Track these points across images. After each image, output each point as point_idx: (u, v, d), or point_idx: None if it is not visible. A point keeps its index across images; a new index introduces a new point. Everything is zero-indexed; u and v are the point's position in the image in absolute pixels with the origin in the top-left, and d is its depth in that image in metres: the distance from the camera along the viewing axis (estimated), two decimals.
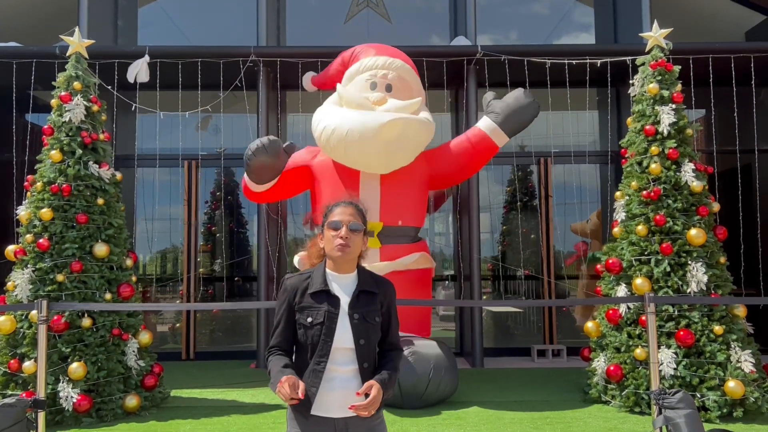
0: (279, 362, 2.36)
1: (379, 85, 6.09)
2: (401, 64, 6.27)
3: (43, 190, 5.56)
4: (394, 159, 5.91)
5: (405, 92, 6.16)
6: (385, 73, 6.14)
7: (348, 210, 2.44)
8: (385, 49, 6.48)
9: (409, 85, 6.28)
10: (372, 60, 6.21)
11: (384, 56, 6.23)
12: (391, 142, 5.69)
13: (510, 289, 9.16)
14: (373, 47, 6.49)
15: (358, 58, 6.40)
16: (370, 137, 5.63)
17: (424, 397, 5.47)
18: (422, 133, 5.97)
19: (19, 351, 5.30)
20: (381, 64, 6.17)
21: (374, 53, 6.34)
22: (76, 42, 5.90)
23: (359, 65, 6.24)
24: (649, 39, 6.02)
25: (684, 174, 5.58)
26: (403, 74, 6.24)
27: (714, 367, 5.16)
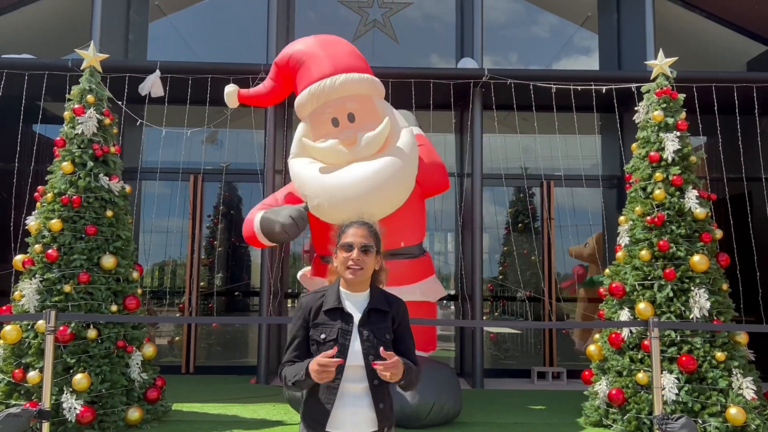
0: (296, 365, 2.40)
1: (340, 120, 5.79)
2: (347, 80, 5.79)
3: (53, 200, 5.60)
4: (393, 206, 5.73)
5: (368, 112, 5.85)
6: (339, 100, 5.77)
7: (360, 231, 2.49)
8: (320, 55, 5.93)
9: (367, 100, 5.89)
10: (318, 88, 5.76)
11: (328, 78, 5.76)
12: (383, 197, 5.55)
13: (509, 310, 9.19)
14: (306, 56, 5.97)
15: (298, 72, 6.02)
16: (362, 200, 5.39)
17: (427, 419, 5.46)
18: (409, 172, 5.76)
19: (24, 361, 5.30)
20: (329, 90, 5.74)
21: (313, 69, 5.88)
22: (90, 56, 5.98)
23: (308, 95, 5.81)
24: (655, 67, 6.12)
25: (687, 200, 5.65)
26: (356, 90, 5.83)
27: (716, 394, 5.19)
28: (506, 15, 10.18)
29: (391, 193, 5.61)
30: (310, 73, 5.90)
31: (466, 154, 7.98)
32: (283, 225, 5.37)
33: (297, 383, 2.33)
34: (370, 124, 5.77)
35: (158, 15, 9.70)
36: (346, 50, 6.12)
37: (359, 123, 5.79)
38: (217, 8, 9.86)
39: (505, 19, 10.14)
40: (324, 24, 9.75)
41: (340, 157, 5.66)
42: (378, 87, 6.06)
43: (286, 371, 2.40)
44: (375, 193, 5.46)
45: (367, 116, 5.84)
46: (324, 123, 5.84)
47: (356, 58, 6.14)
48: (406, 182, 5.77)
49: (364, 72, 6.03)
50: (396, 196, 5.69)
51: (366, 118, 5.83)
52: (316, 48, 6.03)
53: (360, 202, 5.36)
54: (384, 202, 5.58)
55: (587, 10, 9.88)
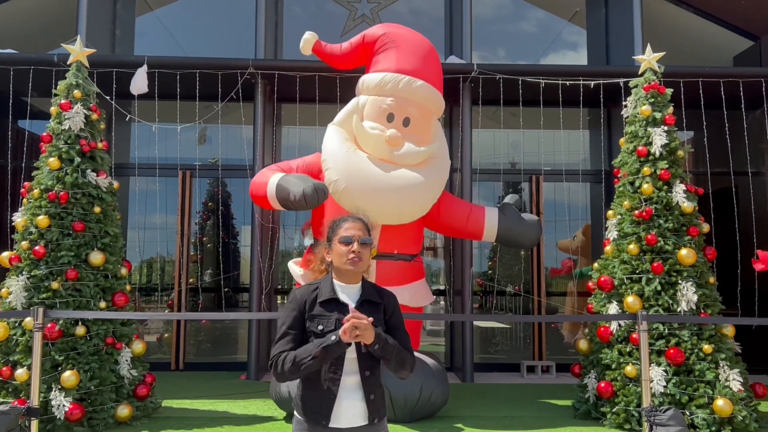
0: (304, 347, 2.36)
1: (396, 116, 5.83)
2: (424, 87, 5.89)
3: (40, 197, 5.56)
4: (401, 220, 5.80)
5: (423, 125, 5.95)
6: (406, 102, 5.82)
7: (357, 225, 2.51)
8: (411, 52, 5.97)
9: (428, 113, 6.01)
10: (394, 80, 5.81)
11: (407, 76, 5.82)
12: (399, 210, 5.63)
13: (499, 304, 9.23)
14: (397, 45, 5.98)
15: (382, 52, 6.02)
16: (379, 202, 5.49)
17: (416, 410, 5.49)
18: (432, 198, 5.88)
19: (12, 358, 5.27)
20: (404, 88, 5.80)
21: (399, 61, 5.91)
22: (77, 50, 5.93)
23: (381, 80, 5.84)
24: (642, 62, 6.15)
25: (675, 195, 5.70)
26: (423, 101, 5.93)
27: (703, 386, 5.24)
28: (494, 10, 10.20)
29: (406, 209, 5.71)
30: (395, 61, 5.92)
31: (456, 149, 7.99)
32: (305, 193, 5.25)
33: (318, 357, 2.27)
34: (419, 136, 5.87)
35: (145, 9, 9.63)
36: (433, 59, 6.18)
37: (411, 130, 5.87)
38: (205, 3, 9.80)
39: (493, 14, 10.15)
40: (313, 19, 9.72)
41: (381, 152, 5.70)
42: (441, 106, 6.21)
43: (294, 354, 2.33)
44: (396, 200, 5.55)
45: (421, 128, 5.95)
46: (380, 112, 5.86)
47: (438, 72, 6.23)
48: (426, 205, 5.87)
49: (437, 83, 6.14)
50: (409, 213, 5.79)
51: (419, 129, 5.93)
52: (411, 41, 6.07)
53: (375, 202, 5.47)
54: (399, 211, 5.67)
55: (575, 6, 9.92)
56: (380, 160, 5.70)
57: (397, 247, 5.97)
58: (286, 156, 9.05)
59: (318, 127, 8.30)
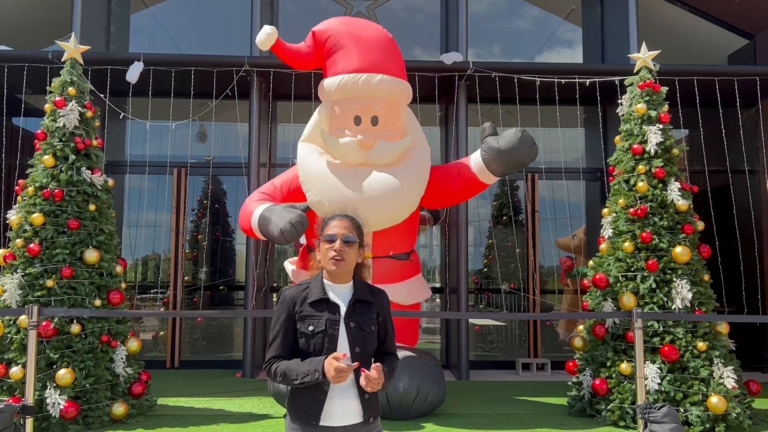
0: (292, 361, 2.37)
1: (363, 118, 5.68)
2: (384, 83, 5.70)
3: (34, 194, 5.54)
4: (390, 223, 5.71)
5: (392, 120, 5.80)
6: (369, 100, 5.66)
7: (343, 223, 2.49)
8: (362, 46, 5.77)
9: (396, 107, 5.84)
10: (352, 80, 5.63)
11: (365, 74, 5.65)
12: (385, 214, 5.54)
13: (494, 302, 9.24)
14: (347, 42, 5.78)
15: (334, 54, 5.82)
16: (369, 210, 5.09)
17: (412, 409, 5.49)
18: (416, 195, 5.77)
19: (6, 356, 5.25)
20: (363, 86, 5.62)
21: (353, 58, 5.72)
22: (71, 47, 5.90)
23: (339, 83, 5.67)
24: (638, 60, 6.16)
25: (670, 193, 5.72)
26: (387, 95, 5.74)
27: (697, 383, 5.26)
28: (489, 7, 10.19)
29: (393, 213, 5.62)
30: (347, 61, 5.74)
31: (451, 147, 8.00)
32: (282, 230, 5.16)
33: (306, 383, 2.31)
34: (391, 132, 5.72)
35: (140, 6, 9.59)
36: (387, 46, 5.93)
37: (381, 128, 5.71)
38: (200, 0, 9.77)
39: (488, 11, 10.14)
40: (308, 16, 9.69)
41: (355, 158, 5.59)
42: (408, 95, 6.00)
43: (284, 369, 2.35)
44: (378, 208, 5.45)
45: (391, 123, 5.79)
46: (346, 117, 5.71)
47: (395, 57, 5.99)
48: (411, 203, 5.76)
49: (400, 73, 5.92)
50: (398, 215, 5.69)
51: (389, 124, 5.77)
52: (363, 35, 5.84)
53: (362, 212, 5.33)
54: (384, 218, 5.58)
55: (571, 4, 9.92)
56: (358, 166, 5.59)
57: (392, 248, 5.94)
58: (281, 153, 9.05)
59: None
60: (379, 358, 2.48)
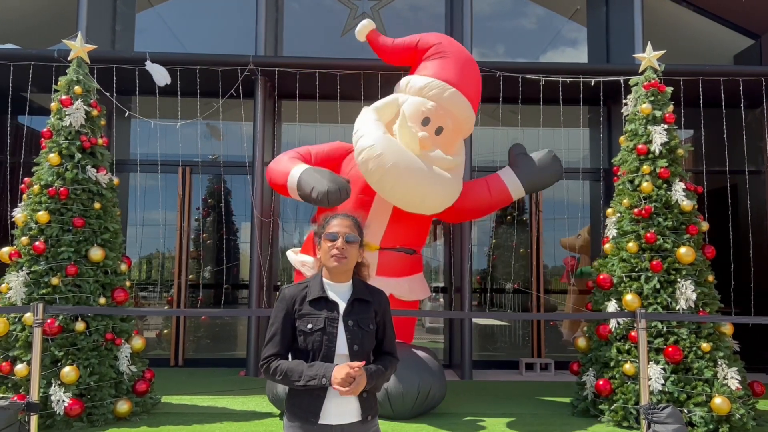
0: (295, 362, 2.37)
1: (432, 122, 5.81)
2: (465, 104, 5.89)
3: (40, 192, 5.56)
4: (418, 209, 5.76)
5: (453, 138, 5.99)
6: (445, 113, 5.80)
7: (345, 222, 2.50)
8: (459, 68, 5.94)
9: (461, 129, 6.05)
10: (440, 88, 5.78)
11: (453, 89, 5.79)
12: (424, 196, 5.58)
13: (498, 302, 9.24)
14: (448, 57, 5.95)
15: (431, 60, 5.98)
16: (407, 182, 5.42)
17: (414, 407, 5.49)
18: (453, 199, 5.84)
19: (11, 354, 5.27)
20: (447, 98, 5.78)
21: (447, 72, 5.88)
22: (78, 46, 5.92)
23: (426, 84, 5.81)
24: (643, 60, 6.15)
25: (675, 193, 5.70)
26: (461, 115, 5.91)
27: (701, 384, 5.25)
28: (493, 6, 10.17)
29: (432, 198, 5.64)
30: (443, 69, 5.89)
31: None
32: (330, 191, 5.19)
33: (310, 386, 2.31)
34: (445, 148, 5.85)
35: (145, 5, 9.61)
36: (478, 80, 6.17)
37: (441, 140, 5.86)
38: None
39: (492, 11, 10.13)
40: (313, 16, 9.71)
41: (413, 147, 5.63)
42: (471, 128, 6.24)
43: (285, 369, 2.34)
44: (423, 187, 5.47)
45: (451, 140, 5.97)
46: (418, 114, 5.82)
47: (478, 93, 6.19)
48: (446, 202, 5.80)
49: (476, 106, 6.14)
50: (432, 204, 5.72)
51: (449, 140, 5.94)
52: (463, 57, 6.07)
53: (406, 180, 5.40)
54: (419, 199, 5.58)
55: (576, 3, 9.91)
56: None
57: (400, 244, 6.00)
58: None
59: (318, 124, 8.32)
60: (378, 358, 2.50)
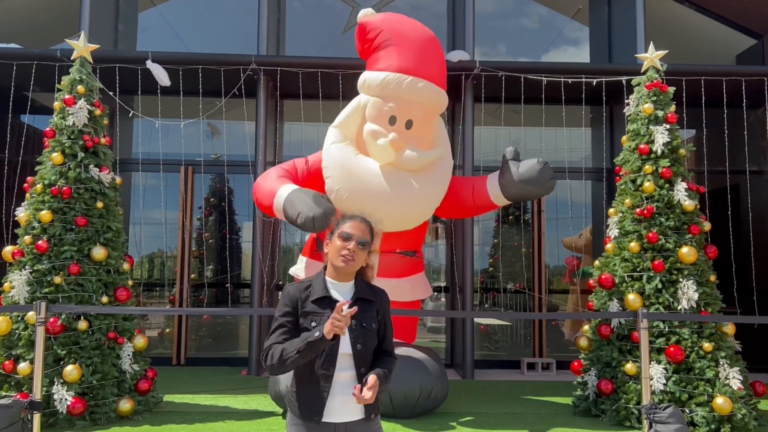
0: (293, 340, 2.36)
1: (399, 119, 5.65)
2: (427, 90, 5.70)
3: (43, 192, 5.57)
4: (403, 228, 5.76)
5: (425, 128, 5.81)
6: (409, 105, 5.63)
7: (361, 226, 2.52)
8: (412, 49, 5.71)
9: (431, 114, 5.85)
10: (397, 81, 5.59)
11: (410, 77, 5.60)
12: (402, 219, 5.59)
13: (500, 302, 9.24)
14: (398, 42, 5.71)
15: (381, 50, 5.77)
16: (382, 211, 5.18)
17: (416, 407, 5.50)
18: (435, 204, 5.81)
19: (14, 352, 5.29)
20: (406, 89, 5.59)
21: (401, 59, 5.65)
22: (81, 46, 5.93)
23: (383, 80, 5.63)
24: (645, 60, 6.15)
25: (677, 193, 5.70)
26: (427, 101, 5.74)
27: (703, 384, 5.25)
28: (495, 5, 10.16)
29: (407, 218, 5.67)
30: (396, 59, 5.67)
31: (458, 146, 7.99)
32: (315, 217, 4.88)
33: (302, 352, 2.27)
34: (422, 138, 5.73)
35: (147, 5, 9.62)
36: (436, 54, 5.91)
37: (413, 133, 5.70)
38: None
39: (494, 10, 10.12)
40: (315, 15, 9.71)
41: (387, 158, 5.55)
42: (445, 104, 5.98)
43: (282, 346, 2.34)
44: (395, 210, 5.48)
45: (424, 130, 5.79)
46: (382, 115, 5.68)
47: (441, 66, 5.98)
48: (428, 212, 5.84)
49: (441, 81, 5.91)
50: (411, 222, 5.76)
51: (422, 131, 5.77)
52: (413, 37, 5.80)
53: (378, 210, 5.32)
54: (398, 221, 5.61)
55: (578, 3, 9.90)
56: (384, 166, 5.58)
57: (399, 247, 5.99)
58: (288, 152, 9.06)
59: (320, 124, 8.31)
60: (378, 357, 2.51)
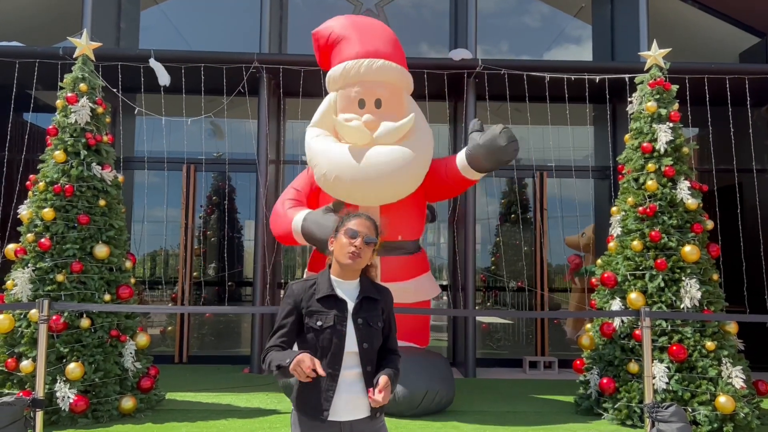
0: (285, 351, 2.37)
1: (367, 101, 5.86)
2: (385, 67, 5.88)
3: (45, 190, 5.58)
4: (396, 195, 5.81)
5: (395, 102, 5.97)
6: (372, 84, 5.84)
7: (367, 223, 2.53)
8: (363, 36, 5.99)
9: (398, 90, 6.02)
10: (355, 66, 5.82)
11: (367, 59, 5.83)
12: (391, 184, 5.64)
13: (502, 300, 9.24)
14: (348, 33, 6.00)
15: (336, 45, 6.05)
16: (370, 181, 5.54)
17: (420, 407, 5.50)
18: (421, 167, 5.85)
19: (17, 350, 5.30)
20: (365, 71, 5.80)
21: (354, 46, 5.92)
22: (83, 44, 5.93)
23: (342, 70, 5.87)
24: (648, 58, 6.13)
25: (679, 191, 5.69)
26: (389, 79, 5.92)
27: (705, 382, 5.24)
28: (497, 4, 10.15)
29: (398, 182, 5.69)
30: (350, 49, 5.93)
31: (460, 144, 7.98)
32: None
33: (280, 368, 2.29)
34: (394, 114, 5.86)
35: (150, 3, 9.62)
36: (387, 37, 6.15)
37: (384, 111, 5.86)
38: None
39: (496, 8, 10.11)
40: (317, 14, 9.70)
41: (362, 139, 5.70)
42: (409, 81, 6.16)
43: (272, 356, 2.36)
44: (383, 179, 5.56)
45: (394, 107, 5.94)
46: (351, 102, 5.89)
47: (396, 47, 6.17)
48: (416, 174, 5.83)
49: (400, 62, 6.08)
50: (402, 186, 5.77)
51: (392, 108, 5.92)
52: (359, 27, 6.09)
53: (367, 184, 5.50)
54: (389, 189, 5.67)
55: (580, 1, 9.88)
56: (364, 146, 5.70)
57: (400, 233, 5.98)
58: (290, 150, 9.07)
59: None
60: (383, 356, 2.51)
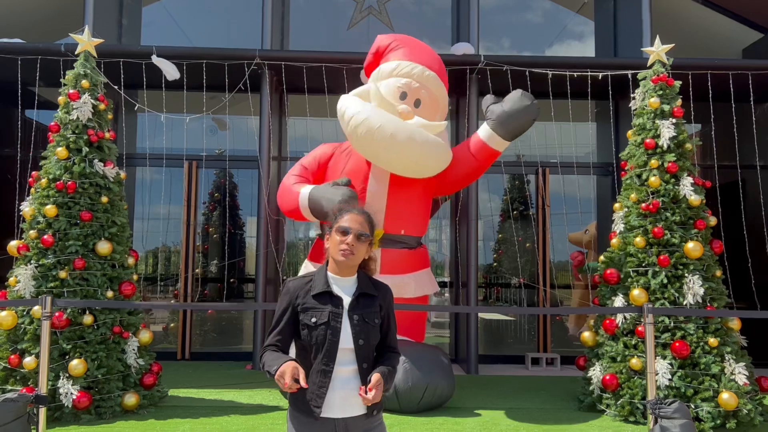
0: (276, 354, 2.37)
1: (409, 96, 6.07)
2: (434, 78, 6.21)
3: (48, 186, 5.58)
4: (426, 168, 5.88)
5: (432, 110, 6.20)
6: (419, 86, 6.09)
7: (359, 218, 2.48)
8: (420, 51, 6.38)
9: (437, 102, 6.28)
10: (409, 67, 6.12)
11: (421, 66, 6.16)
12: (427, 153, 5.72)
13: (504, 297, 9.23)
14: (408, 45, 6.37)
15: (393, 51, 6.34)
16: (411, 142, 5.60)
17: (421, 403, 5.51)
18: (448, 159, 6.02)
19: (20, 346, 5.30)
20: (417, 74, 6.10)
21: (411, 56, 6.25)
22: (85, 40, 5.93)
23: (396, 66, 6.15)
24: (651, 54, 6.11)
25: (682, 188, 5.67)
26: (434, 89, 6.21)
27: (708, 379, 5.24)
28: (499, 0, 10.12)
29: (433, 154, 5.77)
30: (406, 55, 6.26)
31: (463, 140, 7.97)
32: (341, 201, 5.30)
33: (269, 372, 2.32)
34: (428, 119, 6.01)
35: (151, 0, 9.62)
36: (438, 60, 6.53)
37: (420, 112, 6.07)
38: None
39: (498, 4, 10.08)
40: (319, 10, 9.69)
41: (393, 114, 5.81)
42: (446, 105, 6.50)
43: (266, 357, 2.37)
44: (424, 146, 5.65)
45: (430, 112, 6.16)
46: (394, 91, 6.06)
47: (443, 71, 6.51)
48: (441, 164, 5.94)
49: (444, 82, 6.43)
50: (435, 160, 5.84)
51: (428, 112, 6.13)
52: (417, 44, 6.50)
53: (407, 144, 5.57)
54: (424, 156, 5.72)
55: None
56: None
57: (403, 227, 6.00)
58: (293, 147, 9.06)
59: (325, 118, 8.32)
60: (381, 353, 2.49)
